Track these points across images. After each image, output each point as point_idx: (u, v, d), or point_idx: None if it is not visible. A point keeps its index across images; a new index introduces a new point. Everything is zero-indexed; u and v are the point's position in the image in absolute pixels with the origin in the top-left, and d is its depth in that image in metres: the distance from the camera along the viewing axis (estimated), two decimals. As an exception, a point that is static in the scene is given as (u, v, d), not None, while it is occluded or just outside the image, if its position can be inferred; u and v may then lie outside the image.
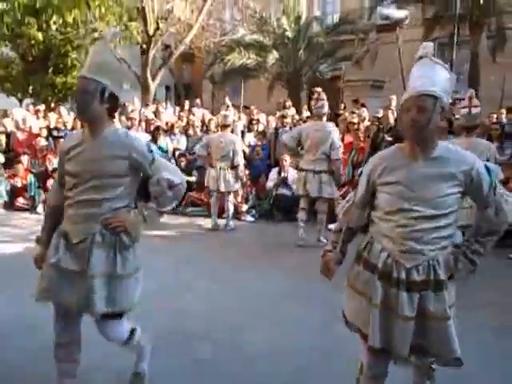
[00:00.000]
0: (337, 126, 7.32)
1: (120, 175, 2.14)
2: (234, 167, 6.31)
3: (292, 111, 9.29)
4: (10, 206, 7.40)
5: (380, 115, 8.12)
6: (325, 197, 5.55)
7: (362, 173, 2.03)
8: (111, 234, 2.14)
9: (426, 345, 1.87)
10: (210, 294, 4.02)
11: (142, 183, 2.29)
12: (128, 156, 2.12)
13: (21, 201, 7.40)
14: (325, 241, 5.54)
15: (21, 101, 14.70)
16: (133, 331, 2.32)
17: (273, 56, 15.49)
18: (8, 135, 8.51)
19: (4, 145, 8.27)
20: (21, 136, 8.58)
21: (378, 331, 1.85)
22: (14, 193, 7.48)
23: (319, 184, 5.46)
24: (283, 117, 7.96)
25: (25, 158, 7.87)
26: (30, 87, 13.80)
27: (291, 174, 7.06)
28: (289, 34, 15.39)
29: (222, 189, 6.30)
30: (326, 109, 5.62)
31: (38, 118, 9.42)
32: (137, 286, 2.24)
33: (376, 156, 2.02)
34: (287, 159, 7.14)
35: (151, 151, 2.19)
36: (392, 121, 7.23)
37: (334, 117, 8.34)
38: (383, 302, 1.85)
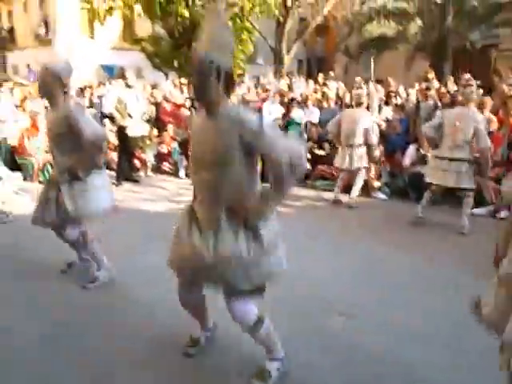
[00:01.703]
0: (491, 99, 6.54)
1: (232, 152, 2.06)
2: (367, 145, 6.09)
3: (435, 84, 8.49)
4: (156, 169, 8.18)
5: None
6: (463, 187, 5.03)
7: None
8: (236, 219, 2.13)
9: None
10: (330, 262, 3.95)
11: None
12: (239, 134, 2.04)
13: (166, 165, 8.13)
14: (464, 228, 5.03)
15: (166, 74, 16.01)
16: (260, 319, 2.26)
17: (415, 24, 14.32)
18: (157, 106, 9.34)
19: (154, 114, 9.08)
20: (167, 106, 9.34)
21: None
22: (160, 157, 8.25)
23: (456, 173, 4.95)
24: (427, 89, 7.30)
25: (170, 127, 8.57)
26: (175, 61, 14.91)
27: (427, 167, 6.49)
28: (437, -2, 14.01)
29: (347, 166, 6.16)
30: (475, 95, 5.13)
31: (181, 90, 10.14)
32: (275, 261, 2.22)
33: None
34: (428, 135, 6.59)
35: (263, 128, 2.05)
36: None
37: (487, 91, 7.40)
38: None
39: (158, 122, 8.93)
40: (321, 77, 10.73)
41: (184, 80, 10.96)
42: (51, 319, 2.94)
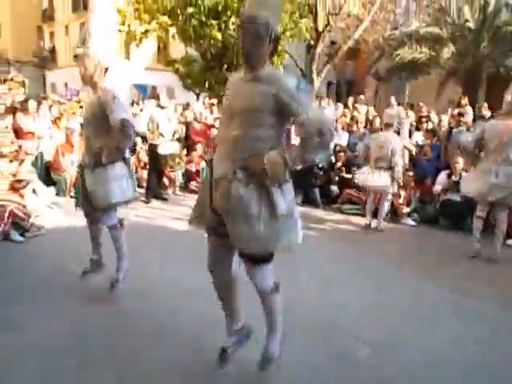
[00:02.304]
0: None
1: (264, 111, 2.09)
2: (391, 168, 6.00)
3: (469, 110, 8.35)
4: (184, 188, 8.27)
5: None
6: (507, 203, 4.81)
7: None
8: (250, 176, 2.12)
9: None
10: (359, 293, 3.85)
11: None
12: (275, 93, 2.07)
13: (194, 184, 8.21)
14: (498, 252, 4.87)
15: (198, 95, 16.35)
16: (277, 286, 2.29)
17: (448, 50, 14.19)
18: (187, 125, 9.53)
19: (184, 133, 9.25)
20: (197, 126, 9.50)
21: None
22: (188, 176, 8.35)
23: (500, 188, 4.71)
24: (460, 115, 7.18)
25: (199, 146, 8.69)
26: (207, 83, 15.22)
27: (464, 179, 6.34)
28: (470, 24, 13.87)
29: (373, 186, 6.10)
30: None
31: (211, 111, 10.31)
32: (288, 226, 2.18)
33: None
34: (460, 162, 6.45)
35: (299, 91, 2.13)
36: None
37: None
38: None
39: (187, 142, 9.08)
40: (350, 100, 10.73)
41: (214, 101, 11.16)
42: (64, 321, 2.98)
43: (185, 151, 8.68)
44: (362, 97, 11.13)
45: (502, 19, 13.79)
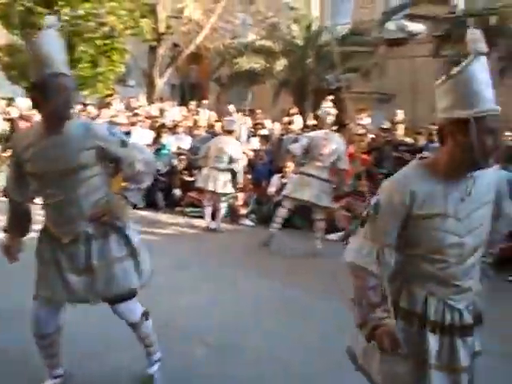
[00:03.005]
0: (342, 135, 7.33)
1: (90, 166, 2.10)
2: (229, 170, 6.34)
3: (298, 119, 9.25)
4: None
5: (386, 127, 8.12)
6: (322, 205, 5.51)
7: (378, 204, 1.60)
8: (102, 225, 2.16)
9: None
10: (203, 296, 3.98)
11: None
12: (94, 145, 2.09)
13: (19, 189, 7.33)
14: (319, 246, 5.54)
15: (26, 88, 14.59)
16: (146, 314, 2.38)
17: (280, 62, 15.47)
18: (12, 123, 8.47)
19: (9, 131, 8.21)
20: (23, 124, 8.51)
21: None
22: (12, 181, 7.41)
23: (319, 192, 5.43)
24: (289, 123, 7.92)
25: (26, 147, 7.80)
26: (36, 76, 13.71)
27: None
28: (298, 41, 15.39)
29: (210, 188, 6.36)
30: (332, 118, 5.66)
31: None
32: (142, 264, 2.29)
33: (396, 179, 1.63)
34: (290, 166, 7.12)
35: (114, 134, 2.19)
36: (400, 135, 7.30)
37: (340, 127, 8.31)
38: (440, 358, 1.59)
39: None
40: (193, 104, 10.91)
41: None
42: None
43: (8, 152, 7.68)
44: (204, 101, 11.41)
45: (323, 39, 15.62)
